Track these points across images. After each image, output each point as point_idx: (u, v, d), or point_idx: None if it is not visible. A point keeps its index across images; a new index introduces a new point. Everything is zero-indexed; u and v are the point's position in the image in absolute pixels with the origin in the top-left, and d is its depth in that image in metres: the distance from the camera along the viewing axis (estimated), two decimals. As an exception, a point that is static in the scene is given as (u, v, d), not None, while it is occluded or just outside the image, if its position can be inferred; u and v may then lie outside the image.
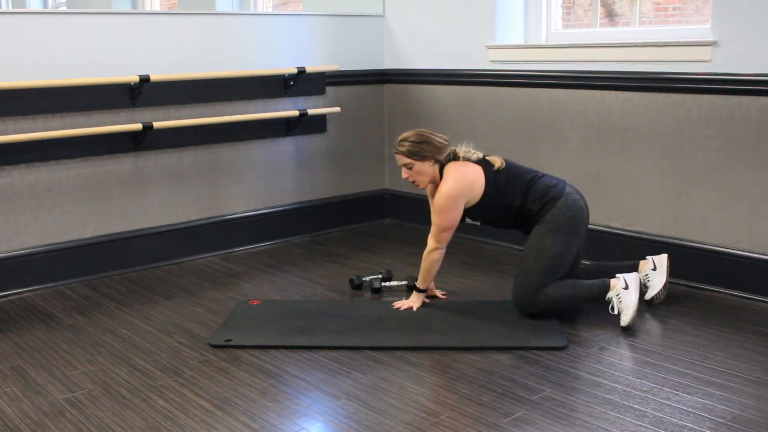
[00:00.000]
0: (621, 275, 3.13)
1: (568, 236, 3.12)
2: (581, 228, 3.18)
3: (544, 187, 3.17)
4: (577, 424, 2.33)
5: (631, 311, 3.03)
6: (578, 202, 3.18)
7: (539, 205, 3.14)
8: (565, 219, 3.12)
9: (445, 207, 3.15)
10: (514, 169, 3.24)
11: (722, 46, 3.36)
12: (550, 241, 3.10)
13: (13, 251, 3.63)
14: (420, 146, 3.19)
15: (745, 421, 2.33)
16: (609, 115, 3.78)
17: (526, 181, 3.20)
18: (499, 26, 4.23)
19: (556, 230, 3.11)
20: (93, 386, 2.65)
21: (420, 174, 3.22)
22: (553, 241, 3.10)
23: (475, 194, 3.17)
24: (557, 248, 3.10)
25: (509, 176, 3.20)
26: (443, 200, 3.14)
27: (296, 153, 4.53)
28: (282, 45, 4.37)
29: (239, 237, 4.34)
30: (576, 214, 3.14)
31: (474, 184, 3.17)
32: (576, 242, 3.16)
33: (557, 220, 3.11)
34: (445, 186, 3.15)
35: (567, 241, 3.12)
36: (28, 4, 6.71)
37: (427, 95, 4.64)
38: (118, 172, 3.89)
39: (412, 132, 3.25)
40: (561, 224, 3.11)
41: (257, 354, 2.89)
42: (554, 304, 3.11)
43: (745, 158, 3.35)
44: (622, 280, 3.10)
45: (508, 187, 3.18)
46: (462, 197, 3.16)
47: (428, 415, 2.40)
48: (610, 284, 3.12)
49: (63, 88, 3.61)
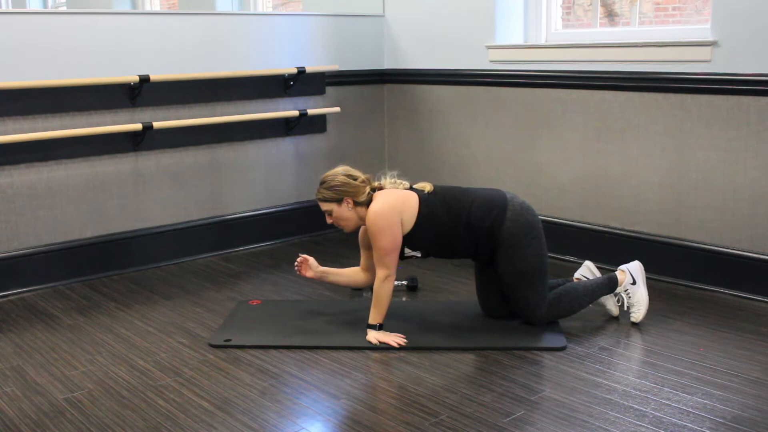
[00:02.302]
0: (626, 268, 3.12)
1: (533, 243, 2.98)
2: (539, 226, 3.04)
3: (487, 201, 3.00)
4: (577, 424, 2.33)
5: (643, 308, 3.05)
6: (524, 203, 3.04)
7: (489, 221, 2.96)
8: (522, 229, 2.97)
9: (379, 227, 2.90)
10: (448, 191, 3.06)
11: (722, 46, 3.36)
12: (521, 261, 2.96)
13: (13, 251, 3.63)
14: (334, 190, 2.97)
15: (745, 421, 2.33)
16: (609, 115, 3.78)
17: (465, 199, 3.01)
18: (499, 26, 4.23)
19: (521, 246, 2.96)
20: (93, 386, 2.65)
21: (341, 219, 3.00)
22: (525, 260, 2.96)
23: (408, 214, 2.95)
24: (532, 261, 2.97)
25: (445, 198, 3.01)
26: (375, 220, 2.91)
27: (296, 153, 4.53)
28: (282, 45, 4.37)
29: (239, 237, 4.34)
30: (529, 217, 3.00)
31: (405, 202, 2.96)
32: (543, 241, 3.03)
33: (516, 235, 2.96)
34: (373, 207, 2.94)
35: (536, 247, 2.99)
36: (28, 4, 6.71)
37: (427, 95, 4.64)
38: (118, 172, 3.89)
39: (330, 173, 3.03)
40: (522, 237, 2.96)
41: (257, 354, 2.89)
42: (567, 312, 3.08)
43: (745, 158, 3.35)
44: (629, 275, 3.09)
45: (447, 209, 2.99)
46: (394, 213, 2.92)
47: (428, 415, 2.40)
48: (618, 279, 3.11)
49: (63, 88, 3.61)
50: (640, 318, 3.06)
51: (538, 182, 4.13)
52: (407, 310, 3.28)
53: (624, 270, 3.13)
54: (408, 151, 4.82)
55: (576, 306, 3.08)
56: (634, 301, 3.08)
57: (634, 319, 3.07)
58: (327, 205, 3.01)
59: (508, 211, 2.98)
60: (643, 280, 3.11)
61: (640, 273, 3.12)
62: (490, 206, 2.99)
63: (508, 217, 2.97)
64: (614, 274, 3.13)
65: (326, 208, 3.02)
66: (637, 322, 3.06)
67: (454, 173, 4.55)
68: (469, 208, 2.98)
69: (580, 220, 3.98)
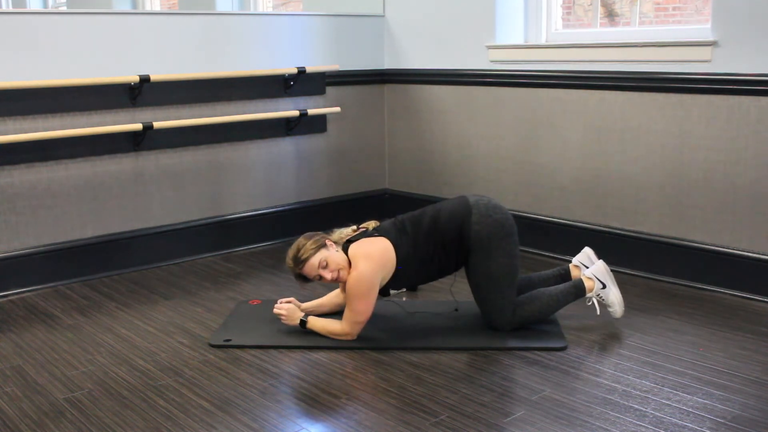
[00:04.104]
0: (590, 274, 3.07)
1: (503, 245, 2.94)
2: (509, 223, 2.99)
3: (451, 213, 2.97)
4: (577, 424, 2.33)
5: (619, 306, 3.06)
6: (490, 203, 3.00)
7: (457, 232, 2.94)
8: (491, 229, 2.93)
9: (360, 291, 2.85)
10: (410, 223, 3.01)
11: (722, 46, 3.36)
12: (491, 263, 2.93)
13: (13, 251, 3.63)
14: (314, 242, 2.93)
15: (745, 421, 2.33)
16: (609, 115, 3.78)
17: (430, 221, 2.99)
18: (499, 26, 4.23)
19: (491, 248, 2.93)
20: (93, 386, 2.65)
21: (337, 264, 2.90)
22: (495, 261, 2.93)
23: (389, 267, 2.93)
24: (501, 262, 2.94)
25: (412, 224, 2.99)
26: (356, 284, 2.85)
27: (296, 153, 4.53)
28: (282, 45, 4.37)
29: (239, 237, 4.34)
30: (496, 216, 2.96)
31: (384, 256, 2.91)
32: (514, 243, 2.98)
33: (485, 238, 2.92)
34: (358, 269, 2.86)
35: (506, 248, 2.95)
36: (28, 4, 6.71)
37: (427, 95, 4.64)
38: (118, 172, 3.89)
39: (293, 247, 2.97)
40: (491, 238, 2.93)
41: (257, 354, 2.89)
42: (532, 319, 3.03)
43: (745, 158, 3.35)
44: (597, 281, 3.06)
45: (417, 242, 2.96)
46: (376, 276, 2.88)
47: (428, 415, 2.40)
48: (585, 287, 3.07)
49: (63, 88, 3.62)
50: (619, 314, 3.07)
51: (538, 182, 4.13)
52: (407, 310, 3.28)
53: (591, 277, 3.07)
54: (408, 151, 4.82)
55: (541, 313, 3.03)
56: (608, 303, 3.07)
57: (615, 315, 3.08)
58: (316, 257, 2.89)
59: (473, 215, 2.94)
60: (612, 279, 3.08)
61: (607, 274, 3.08)
62: (454, 217, 2.96)
63: (473, 221, 2.94)
64: (579, 281, 3.08)
65: (318, 260, 2.89)
66: (617, 317, 3.08)
67: (454, 173, 4.55)
68: (437, 228, 2.96)
69: (580, 220, 3.98)
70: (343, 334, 2.95)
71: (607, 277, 3.08)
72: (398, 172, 4.92)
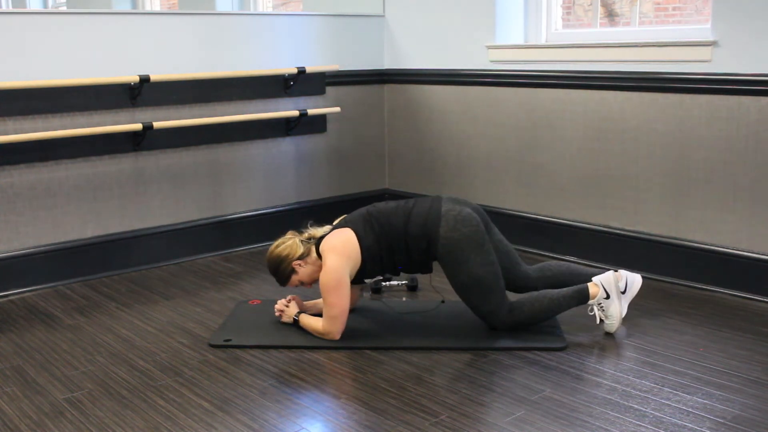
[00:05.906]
0: (598, 281, 2.99)
1: (473, 257, 2.89)
2: (479, 236, 2.91)
3: (421, 216, 2.95)
4: (577, 424, 2.33)
5: (616, 321, 2.97)
6: (459, 214, 2.91)
7: (425, 241, 2.92)
8: (457, 244, 2.88)
9: (330, 285, 2.89)
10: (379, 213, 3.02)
11: (722, 46, 3.36)
12: (464, 276, 2.90)
13: (13, 251, 3.63)
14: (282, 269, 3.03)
15: (745, 421, 2.33)
16: (609, 115, 3.78)
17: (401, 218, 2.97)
18: (499, 26, 4.23)
19: (461, 261, 2.88)
20: (93, 386, 2.65)
21: (309, 276, 3.05)
22: (468, 273, 2.89)
23: (354, 257, 2.94)
24: (475, 273, 2.89)
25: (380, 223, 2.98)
26: (327, 279, 2.89)
27: (296, 153, 4.53)
28: (282, 45, 4.37)
29: (239, 237, 4.34)
30: (464, 229, 2.89)
31: (347, 247, 2.93)
32: (487, 252, 2.91)
33: (452, 252, 2.89)
34: (326, 264, 2.91)
35: (476, 261, 2.89)
36: (28, 4, 6.71)
37: (427, 95, 4.64)
38: (118, 172, 3.89)
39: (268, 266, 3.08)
40: (460, 253, 2.88)
41: (257, 354, 2.89)
42: (531, 320, 3.00)
43: (745, 158, 3.35)
44: (602, 290, 2.98)
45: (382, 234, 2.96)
46: (345, 268, 2.91)
47: (428, 415, 2.40)
48: (590, 293, 3.00)
49: (63, 88, 3.61)
50: (614, 329, 2.99)
51: (538, 182, 4.13)
52: (407, 310, 3.28)
53: (597, 284, 3.01)
54: (408, 151, 4.82)
55: (539, 316, 2.99)
56: (608, 314, 2.99)
57: (609, 329, 3.00)
58: (294, 280, 3.06)
59: (440, 228, 2.90)
60: (617, 293, 2.99)
61: (614, 286, 2.99)
62: (423, 226, 2.93)
63: (441, 234, 2.89)
64: (585, 287, 3.01)
65: (295, 283, 3.08)
66: (611, 332, 3.00)
67: (454, 173, 4.55)
68: (406, 232, 2.95)
69: (580, 220, 3.98)
70: (325, 332, 2.96)
71: (614, 289, 2.99)
72: (398, 172, 4.92)
